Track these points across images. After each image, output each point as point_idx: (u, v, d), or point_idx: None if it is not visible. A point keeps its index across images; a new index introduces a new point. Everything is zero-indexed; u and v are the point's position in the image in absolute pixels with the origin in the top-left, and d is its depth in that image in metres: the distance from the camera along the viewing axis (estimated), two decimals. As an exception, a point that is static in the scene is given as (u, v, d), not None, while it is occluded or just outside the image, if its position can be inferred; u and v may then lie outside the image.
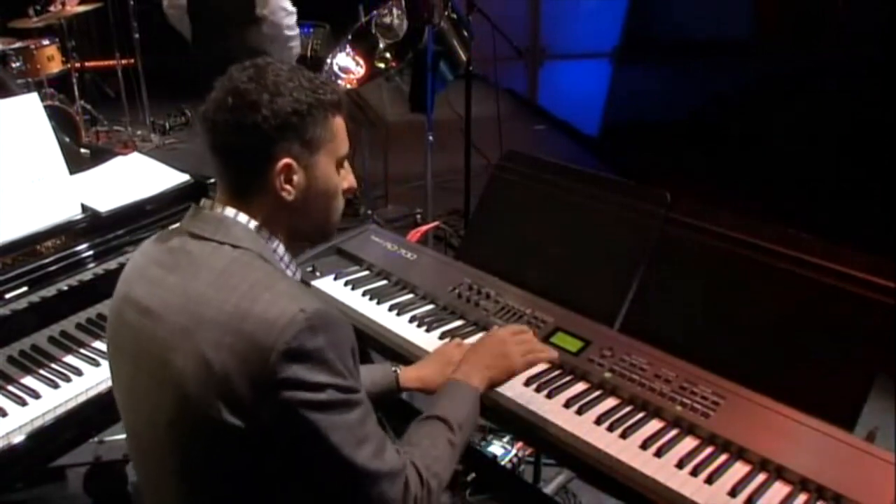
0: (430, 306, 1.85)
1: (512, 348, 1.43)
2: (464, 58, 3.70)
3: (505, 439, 2.37)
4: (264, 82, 1.12)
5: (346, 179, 1.24)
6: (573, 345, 1.62)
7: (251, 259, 1.13)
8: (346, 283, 1.93)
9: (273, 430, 1.04)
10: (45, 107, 1.92)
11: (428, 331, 1.74)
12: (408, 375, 1.55)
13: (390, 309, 1.83)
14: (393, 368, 1.56)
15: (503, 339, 1.45)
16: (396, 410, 1.75)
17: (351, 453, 1.07)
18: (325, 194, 1.21)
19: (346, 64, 3.74)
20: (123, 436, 1.26)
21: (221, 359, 1.03)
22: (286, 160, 1.14)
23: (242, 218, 1.16)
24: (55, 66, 5.00)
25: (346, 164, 1.24)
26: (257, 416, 1.03)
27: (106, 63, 6.44)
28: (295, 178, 1.16)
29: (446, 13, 3.57)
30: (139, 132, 6.06)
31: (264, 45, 3.62)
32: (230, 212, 1.16)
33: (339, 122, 1.20)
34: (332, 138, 1.19)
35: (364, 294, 1.89)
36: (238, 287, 1.07)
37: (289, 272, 1.21)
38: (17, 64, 4.77)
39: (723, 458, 1.35)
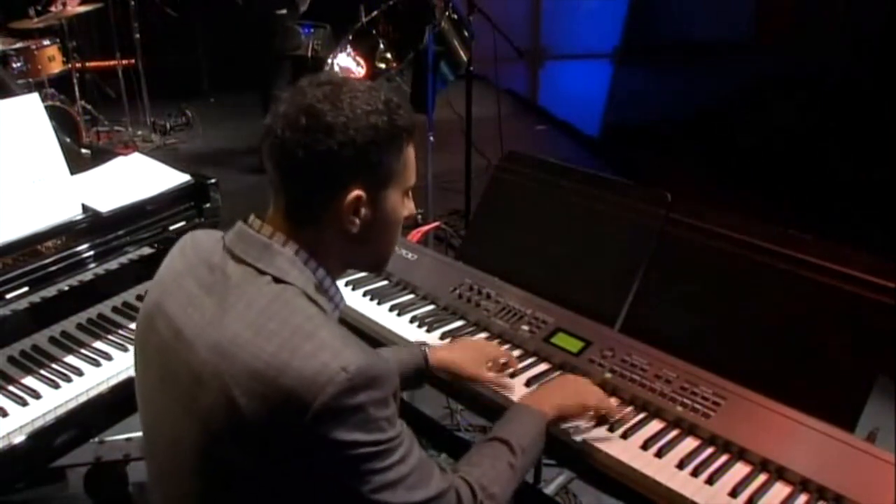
0: (431, 307, 1.85)
1: (587, 388, 1.47)
2: (464, 58, 3.69)
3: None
4: (340, 104, 1.05)
5: (407, 207, 1.18)
6: (574, 345, 1.62)
7: (293, 297, 1.06)
8: (346, 284, 1.93)
9: (304, 480, 1.01)
10: (46, 107, 1.91)
11: (429, 331, 1.74)
12: (439, 356, 1.54)
13: (391, 309, 1.83)
14: (421, 346, 1.54)
15: (578, 380, 1.50)
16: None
17: (387, 497, 1.02)
18: (389, 227, 1.16)
19: (347, 64, 3.73)
20: (124, 436, 1.25)
21: (253, 407, 0.98)
22: (357, 192, 1.07)
23: (291, 247, 1.10)
24: (56, 67, 5.00)
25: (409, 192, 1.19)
26: (287, 467, 1.00)
27: (106, 63, 6.43)
28: (362, 210, 1.09)
29: (447, 13, 3.57)
30: (140, 132, 6.05)
31: None
32: (279, 238, 1.10)
33: (410, 152, 1.15)
34: (404, 170, 1.14)
35: (365, 294, 1.90)
36: (277, 333, 1.01)
37: (331, 305, 1.14)
38: (18, 64, 4.76)
39: (723, 458, 1.35)
